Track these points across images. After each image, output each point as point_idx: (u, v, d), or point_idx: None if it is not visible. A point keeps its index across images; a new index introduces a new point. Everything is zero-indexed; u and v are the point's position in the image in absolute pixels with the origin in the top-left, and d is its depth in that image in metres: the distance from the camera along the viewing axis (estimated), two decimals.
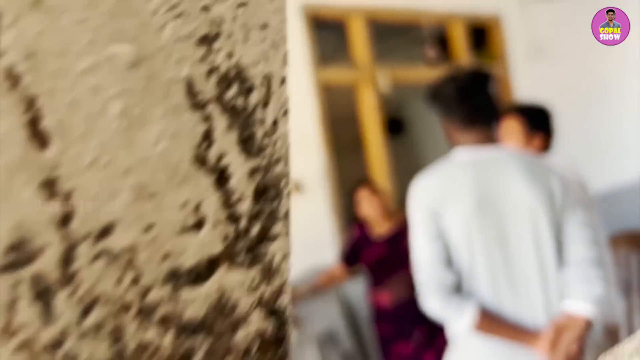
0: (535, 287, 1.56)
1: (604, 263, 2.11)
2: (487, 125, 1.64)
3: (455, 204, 1.55)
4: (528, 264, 1.56)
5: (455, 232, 1.56)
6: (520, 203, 1.56)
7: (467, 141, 1.64)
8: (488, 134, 1.64)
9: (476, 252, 1.55)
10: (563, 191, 1.60)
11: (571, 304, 1.53)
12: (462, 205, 1.55)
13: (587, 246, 1.58)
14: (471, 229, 1.54)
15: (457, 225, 1.55)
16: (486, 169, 1.59)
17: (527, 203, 1.56)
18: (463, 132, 1.64)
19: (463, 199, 1.55)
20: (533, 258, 1.56)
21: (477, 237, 1.55)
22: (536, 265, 1.56)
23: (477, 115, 1.63)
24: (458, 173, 1.60)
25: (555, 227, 1.58)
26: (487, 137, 1.64)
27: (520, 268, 1.56)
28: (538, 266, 1.56)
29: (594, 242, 1.60)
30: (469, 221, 1.54)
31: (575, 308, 1.52)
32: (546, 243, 1.57)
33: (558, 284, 1.58)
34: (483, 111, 1.64)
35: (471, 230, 1.54)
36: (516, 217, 1.56)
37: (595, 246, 1.60)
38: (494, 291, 1.55)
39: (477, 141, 1.63)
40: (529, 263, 1.56)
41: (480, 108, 1.63)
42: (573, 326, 1.50)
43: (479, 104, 1.63)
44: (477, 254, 1.55)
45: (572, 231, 1.59)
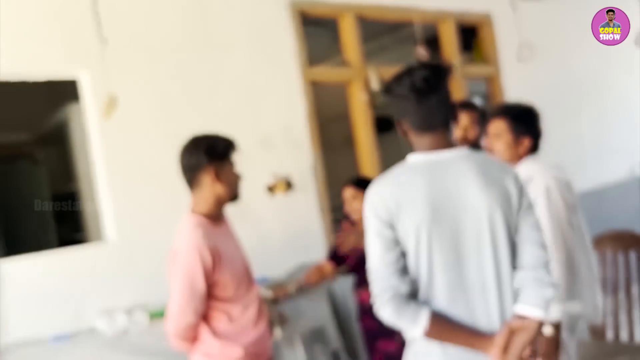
0: (491, 291, 1.55)
1: (573, 265, 2.13)
2: (442, 128, 1.60)
3: (410, 210, 1.52)
4: (484, 267, 1.55)
5: (411, 239, 1.53)
6: (475, 206, 1.53)
7: (423, 145, 1.61)
8: (444, 137, 1.60)
9: (433, 258, 1.53)
10: (519, 192, 1.59)
11: (523, 307, 1.54)
12: (417, 212, 1.51)
13: (538, 249, 1.58)
14: (427, 235, 1.52)
15: (413, 231, 1.52)
16: (441, 173, 1.56)
17: (482, 206, 1.54)
18: (418, 136, 1.61)
19: (418, 206, 1.52)
20: (489, 262, 1.55)
21: (433, 242, 1.53)
22: (492, 269, 1.55)
23: (433, 119, 1.58)
24: (412, 179, 1.56)
25: (510, 229, 1.57)
26: (443, 140, 1.60)
27: (477, 272, 1.55)
28: (494, 270, 1.55)
29: (543, 245, 1.60)
30: (424, 227, 1.51)
31: (526, 312, 1.53)
32: (502, 245, 1.56)
33: (512, 286, 1.58)
34: (438, 115, 1.58)
35: (427, 236, 1.52)
36: (472, 221, 1.54)
37: (545, 249, 1.60)
38: (450, 296, 1.54)
39: (433, 145, 1.59)
40: (485, 267, 1.55)
41: (436, 111, 1.58)
42: (525, 329, 1.51)
43: (435, 107, 1.57)
44: (433, 260, 1.53)
45: (525, 233, 1.58)
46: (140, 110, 3.00)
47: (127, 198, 2.92)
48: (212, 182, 2.12)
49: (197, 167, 2.12)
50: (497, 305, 1.56)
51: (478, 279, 1.55)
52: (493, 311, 1.55)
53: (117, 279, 2.83)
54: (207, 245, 2.02)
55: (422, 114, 1.57)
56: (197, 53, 3.26)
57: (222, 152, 2.16)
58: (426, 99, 1.56)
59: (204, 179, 2.12)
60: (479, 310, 1.55)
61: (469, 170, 1.56)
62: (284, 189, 3.47)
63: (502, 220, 1.55)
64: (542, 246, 1.60)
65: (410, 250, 1.54)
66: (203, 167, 2.11)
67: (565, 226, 2.17)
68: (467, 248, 1.54)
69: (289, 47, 3.64)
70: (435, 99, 1.56)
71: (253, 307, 2.20)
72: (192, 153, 2.12)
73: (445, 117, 1.60)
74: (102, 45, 2.68)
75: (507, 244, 1.56)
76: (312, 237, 3.58)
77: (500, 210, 1.54)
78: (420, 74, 1.55)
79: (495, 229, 1.54)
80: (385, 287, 1.53)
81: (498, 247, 1.55)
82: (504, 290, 1.57)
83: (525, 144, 2.29)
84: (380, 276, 1.54)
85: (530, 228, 1.59)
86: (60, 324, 2.66)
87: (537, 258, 1.58)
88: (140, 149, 2.98)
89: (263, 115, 3.48)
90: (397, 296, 1.52)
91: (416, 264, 1.55)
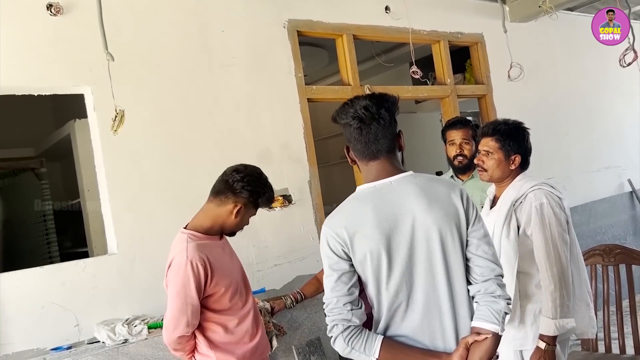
0: (445, 309, 1.57)
1: (563, 275, 2.15)
2: (386, 155, 1.62)
3: (363, 239, 1.54)
4: (438, 286, 1.57)
5: (367, 266, 1.56)
6: (424, 226, 1.55)
7: (369, 174, 1.65)
8: (389, 164, 1.63)
9: (390, 284, 1.55)
10: (466, 207, 1.60)
11: (477, 323, 1.57)
12: (370, 240, 1.54)
13: (489, 262, 1.60)
14: (384, 260, 1.54)
15: (369, 259, 1.55)
16: (386, 198, 1.57)
17: (430, 224, 1.56)
18: (364, 165, 1.65)
19: (369, 234, 1.54)
20: (442, 280, 1.57)
21: (390, 267, 1.55)
22: (445, 287, 1.57)
23: (375, 147, 1.60)
24: (361, 208, 1.58)
25: (462, 244, 1.59)
26: (388, 167, 1.62)
27: (431, 291, 1.57)
28: (447, 287, 1.57)
29: (495, 257, 1.62)
30: (379, 253, 1.54)
31: (482, 326, 1.55)
32: (455, 262, 1.58)
33: (468, 302, 1.60)
34: (381, 143, 1.60)
35: (384, 261, 1.54)
36: (422, 240, 1.55)
37: (497, 261, 1.62)
38: (409, 318, 1.57)
39: (378, 173, 1.62)
40: (438, 285, 1.57)
41: (378, 139, 1.60)
42: (481, 345, 1.54)
43: (376, 135, 1.59)
44: (390, 286, 1.55)
45: (475, 247, 1.60)
46: (143, 126, 3.07)
47: (128, 212, 2.98)
48: (231, 212, 2.18)
49: (234, 192, 2.16)
50: (452, 323, 1.58)
51: (433, 298, 1.57)
52: (448, 329, 1.58)
53: (118, 290, 2.88)
54: (200, 258, 2.06)
55: (364, 141, 1.61)
56: (198, 71, 3.35)
57: (261, 202, 2.24)
58: (367, 127, 1.60)
59: (228, 203, 2.17)
60: (435, 329, 1.58)
61: (413, 192, 1.58)
62: (281, 204, 3.54)
63: (453, 235, 1.57)
64: (493, 258, 1.61)
65: (369, 278, 1.58)
66: (237, 196, 2.17)
67: (558, 242, 2.21)
68: (420, 268, 1.57)
69: (286, 66, 3.74)
70: (377, 127, 1.60)
71: (249, 318, 2.24)
72: (243, 180, 2.17)
73: (389, 145, 1.62)
74: (108, 61, 2.76)
75: (460, 260, 1.59)
76: (309, 250, 3.63)
77: (450, 226, 1.57)
78: (361, 103, 1.60)
79: (446, 245, 1.57)
80: (337, 320, 1.57)
81: (450, 264, 1.58)
82: (459, 307, 1.59)
83: (515, 161, 2.35)
84: (333, 308, 1.58)
85: (479, 241, 1.61)
86: (60, 336, 2.69)
87: (488, 271, 1.60)
88: (142, 163, 3.05)
89: (261, 131, 3.56)
90: (350, 328, 1.56)
91: (376, 290, 1.58)
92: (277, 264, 3.47)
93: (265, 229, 3.47)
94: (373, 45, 5.07)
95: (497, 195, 2.44)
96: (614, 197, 6.11)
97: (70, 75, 2.91)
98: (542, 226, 2.22)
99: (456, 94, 4.77)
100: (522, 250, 2.27)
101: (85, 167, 3.52)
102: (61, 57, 2.88)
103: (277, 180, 3.58)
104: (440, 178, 1.74)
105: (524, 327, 2.27)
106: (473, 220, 1.62)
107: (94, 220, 3.52)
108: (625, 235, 6.04)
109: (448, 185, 1.65)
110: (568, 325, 2.18)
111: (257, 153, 3.51)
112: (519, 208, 2.30)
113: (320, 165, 3.90)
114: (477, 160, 2.43)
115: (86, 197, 3.60)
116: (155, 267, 2.92)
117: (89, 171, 3.29)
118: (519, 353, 2.28)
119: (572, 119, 5.77)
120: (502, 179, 2.38)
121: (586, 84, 5.98)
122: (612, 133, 6.21)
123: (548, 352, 2.18)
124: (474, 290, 1.61)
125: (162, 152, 3.10)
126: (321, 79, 6.15)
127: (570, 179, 5.50)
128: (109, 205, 2.94)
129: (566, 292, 2.19)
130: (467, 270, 1.62)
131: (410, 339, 1.58)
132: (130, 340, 2.60)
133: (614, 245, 3.16)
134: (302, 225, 3.65)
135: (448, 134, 3.11)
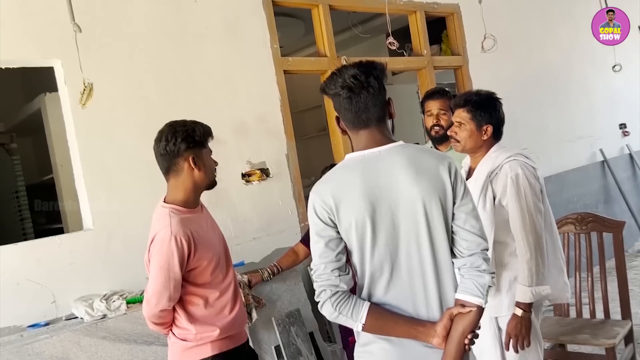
0: (430, 280, 1.59)
1: (539, 247, 2.20)
2: (376, 124, 1.63)
3: (349, 207, 1.56)
4: (423, 257, 1.59)
5: (353, 235, 1.57)
6: (410, 197, 1.56)
7: (359, 143, 1.64)
8: (378, 133, 1.63)
9: (374, 253, 1.58)
10: (454, 180, 1.61)
11: (461, 296, 1.59)
12: (356, 208, 1.55)
13: (475, 236, 1.61)
14: (368, 229, 1.56)
15: (354, 227, 1.56)
16: (374, 168, 1.59)
17: (416, 196, 1.55)
18: (354, 134, 1.66)
19: (355, 202, 1.55)
20: (427, 251, 1.58)
21: (375, 236, 1.56)
22: (430, 258, 1.59)
23: (365, 115, 1.61)
24: (349, 177, 1.60)
25: (447, 217, 1.60)
26: (377, 136, 1.63)
27: (416, 262, 1.59)
28: (432, 259, 1.59)
29: (481, 231, 1.64)
30: (364, 222, 1.55)
31: (466, 299, 1.58)
32: (439, 234, 1.59)
33: (452, 274, 1.62)
34: (371, 111, 1.61)
35: (369, 230, 1.56)
36: (408, 212, 1.56)
37: (483, 235, 1.63)
38: (393, 287, 1.59)
39: (368, 142, 1.63)
40: (423, 256, 1.59)
41: (368, 108, 1.61)
42: (464, 317, 1.57)
43: (366, 104, 1.60)
44: (375, 255, 1.58)
45: (462, 221, 1.61)
46: (116, 99, 3.01)
47: (102, 186, 2.94)
48: (191, 169, 2.13)
49: (175, 154, 2.10)
50: (436, 294, 1.60)
51: (417, 269, 1.59)
52: (432, 299, 1.60)
53: (95, 266, 2.86)
54: (184, 233, 2.04)
55: (354, 110, 1.61)
56: (172, 43, 3.28)
57: (201, 138, 2.16)
58: (356, 96, 1.60)
59: (181, 165, 2.12)
60: (419, 299, 1.60)
61: (400, 162, 1.59)
62: (259, 178, 3.53)
63: (438, 208, 1.58)
64: (480, 233, 1.63)
65: (354, 246, 1.59)
66: (181, 154, 2.11)
67: (533, 212, 2.24)
68: (405, 239, 1.58)
69: (262, 36, 3.69)
70: (366, 95, 1.60)
71: (230, 291, 2.24)
72: (169, 139, 2.10)
73: (378, 113, 1.63)
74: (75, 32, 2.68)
75: (444, 233, 1.60)
76: (288, 223, 3.64)
77: (435, 199, 1.58)
78: (350, 72, 1.59)
79: (431, 218, 1.58)
80: (325, 285, 1.58)
81: (435, 235, 1.59)
82: (443, 278, 1.61)
83: (488, 131, 2.37)
84: (321, 274, 1.59)
85: (467, 215, 1.62)
86: (37, 313, 2.67)
87: (475, 245, 1.61)
88: (115, 137, 3.00)
89: (237, 104, 3.52)
90: (338, 294, 1.58)
91: (360, 258, 1.60)
92: (255, 237, 3.47)
93: (243, 202, 3.46)
94: (349, 16, 5.03)
95: (472, 167, 2.46)
96: (586, 166, 6.23)
97: (39, 48, 2.83)
98: (517, 197, 2.25)
99: (432, 65, 4.77)
100: (497, 220, 2.31)
101: (58, 142, 3.44)
102: (29, 29, 2.79)
103: (255, 154, 3.56)
104: (430, 149, 1.75)
105: (499, 294, 2.31)
106: (461, 195, 1.62)
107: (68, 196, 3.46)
108: (596, 204, 6.18)
109: (437, 157, 1.65)
110: (543, 292, 2.24)
111: (234, 126, 3.48)
112: (495, 179, 2.32)
113: (297, 139, 3.89)
114: (450, 132, 2.44)
115: (59, 173, 3.53)
116: (132, 242, 2.90)
117: (61, 146, 3.22)
118: (494, 320, 2.34)
119: (546, 90, 5.83)
120: (475, 150, 2.40)
121: (560, 56, 6.03)
122: (584, 104, 6.30)
123: (524, 318, 2.24)
124: (460, 264, 1.63)
125: (136, 125, 3.05)
126: (297, 50, 6.08)
127: (544, 149, 5.58)
128: (83, 181, 2.90)
129: (541, 260, 2.23)
130: (454, 243, 1.63)
131: (394, 307, 1.60)
132: (108, 315, 2.59)
133: (586, 214, 3.24)
134: (280, 199, 3.65)
135: (426, 104, 3.12)
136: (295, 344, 3.03)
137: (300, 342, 3.06)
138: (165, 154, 2.12)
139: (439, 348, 1.58)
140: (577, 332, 2.94)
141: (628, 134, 6.86)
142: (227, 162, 3.28)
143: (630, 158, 6.90)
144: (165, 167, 2.15)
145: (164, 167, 2.16)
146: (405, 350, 1.60)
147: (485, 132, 2.36)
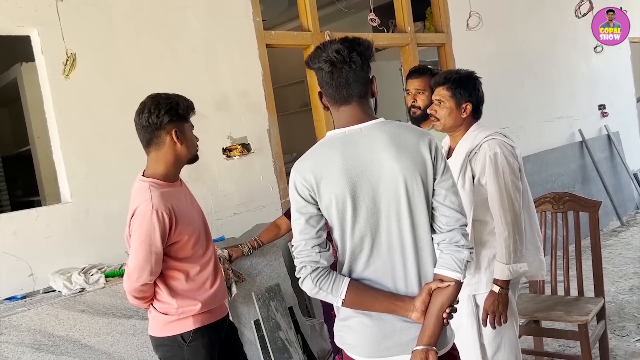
0: (409, 255, 1.61)
1: (515, 224, 2.24)
2: (358, 100, 1.63)
3: (329, 184, 1.57)
4: (403, 233, 1.60)
5: (333, 211, 1.58)
6: (390, 173, 1.57)
7: (340, 119, 1.65)
8: (360, 110, 1.64)
9: (355, 229, 1.59)
10: (434, 157, 1.62)
11: (440, 270, 1.61)
12: (336, 185, 1.56)
13: (454, 212, 1.63)
14: (349, 205, 1.57)
15: (334, 204, 1.57)
16: (354, 144, 1.59)
17: (397, 172, 1.56)
18: (335, 110, 1.66)
19: (336, 179, 1.56)
20: (407, 227, 1.60)
21: (355, 212, 1.57)
22: (410, 234, 1.60)
23: (346, 91, 1.61)
24: (329, 153, 1.60)
25: (427, 193, 1.61)
26: (359, 113, 1.63)
27: (396, 237, 1.60)
28: (411, 234, 1.60)
29: (460, 207, 1.65)
30: (345, 199, 1.57)
31: (445, 274, 1.60)
32: (420, 210, 1.60)
33: (432, 250, 1.65)
34: (353, 87, 1.61)
35: (349, 206, 1.57)
36: (388, 188, 1.57)
37: (462, 212, 1.65)
38: (373, 263, 1.61)
39: (349, 118, 1.63)
40: (403, 232, 1.60)
41: (350, 84, 1.60)
42: (443, 292, 1.59)
43: (348, 80, 1.60)
44: (355, 231, 1.59)
45: (442, 197, 1.63)
46: (95, 70, 2.95)
47: (81, 159, 2.89)
48: (173, 142, 2.11)
49: (157, 126, 2.08)
50: (415, 269, 1.62)
51: (397, 244, 1.61)
52: (411, 274, 1.62)
53: (73, 240, 2.83)
54: (165, 207, 2.03)
55: (335, 85, 1.61)
56: (153, 14, 3.21)
57: (184, 112, 2.14)
58: (338, 71, 1.60)
59: (163, 138, 2.10)
60: (398, 274, 1.62)
61: (381, 139, 1.60)
62: (240, 153, 3.50)
63: (419, 185, 1.59)
64: (459, 208, 1.64)
65: (334, 222, 1.61)
66: (163, 127, 2.08)
67: (511, 190, 2.26)
68: (386, 215, 1.60)
69: (244, 9, 3.63)
70: (348, 70, 1.60)
71: (211, 265, 2.24)
72: (152, 111, 2.08)
73: (360, 89, 1.63)
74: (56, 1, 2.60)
75: (425, 209, 1.61)
76: (269, 198, 3.64)
77: (416, 176, 1.59)
78: (333, 47, 1.59)
79: (412, 194, 1.59)
80: (306, 262, 1.60)
81: (415, 212, 1.60)
82: (422, 254, 1.63)
83: (467, 109, 2.37)
84: (302, 251, 1.61)
85: (446, 191, 1.63)
86: (13, 286, 2.64)
87: (454, 221, 1.63)
88: (94, 109, 2.95)
89: (219, 77, 3.48)
90: (318, 270, 1.59)
91: (341, 235, 1.61)
92: (236, 212, 3.47)
93: (224, 178, 3.44)
94: None
95: (451, 146, 2.47)
96: (565, 146, 6.31)
97: (14, 16, 2.75)
98: (496, 175, 2.27)
99: (416, 42, 4.75)
100: (476, 199, 2.33)
101: (35, 113, 3.38)
102: None
103: (236, 129, 3.53)
104: (411, 126, 1.75)
105: (478, 272, 2.35)
106: (441, 171, 1.63)
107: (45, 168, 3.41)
108: (574, 184, 6.28)
109: (418, 134, 1.65)
110: (521, 269, 2.28)
111: (215, 100, 3.44)
112: (474, 158, 2.34)
113: (279, 114, 3.86)
114: (430, 110, 2.44)
115: (37, 145, 3.47)
116: (110, 215, 2.88)
117: (38, 117, 3.16)
118: (472, 297, 2.37)
119: (528, 70, 5.86)
120: (455, 128, 2.41)
121: (543, 35, 6.05)
122: (565, 84, 6.35)
123: (502, 295, 2.28)
124: (439, 239, 1.64)
125: (115, 97, 3.00)
126: (280, 24, 6.01)
127: (524, 128, 5.63)
128: (61, 153, 2.85)
129: (519, 238, 2.26)
130: (433, 219, 1.65)
131: (374, 282, 1.62)
132: (87, 289, 2.58)
133: (563, 193, 3.28)
134: (261, 174, 3.64)
135: (406, 83, 3.10)
136: (274, 319, 3.05)
137: (280, 317, 3.08)
138: (147, 126, 2.10)
139: (418, 322, 1.60)
140: (552, 309, 3.00)
141: (607, 115, 6.94)
142: (208, 136, 3.25)
143: (608, 139, 7.00)
144: (147, 140, 2.13)
145: (145, 139, 2.13)
146: (385, 324, 1.62)
147: (464, 110, 2.37)
